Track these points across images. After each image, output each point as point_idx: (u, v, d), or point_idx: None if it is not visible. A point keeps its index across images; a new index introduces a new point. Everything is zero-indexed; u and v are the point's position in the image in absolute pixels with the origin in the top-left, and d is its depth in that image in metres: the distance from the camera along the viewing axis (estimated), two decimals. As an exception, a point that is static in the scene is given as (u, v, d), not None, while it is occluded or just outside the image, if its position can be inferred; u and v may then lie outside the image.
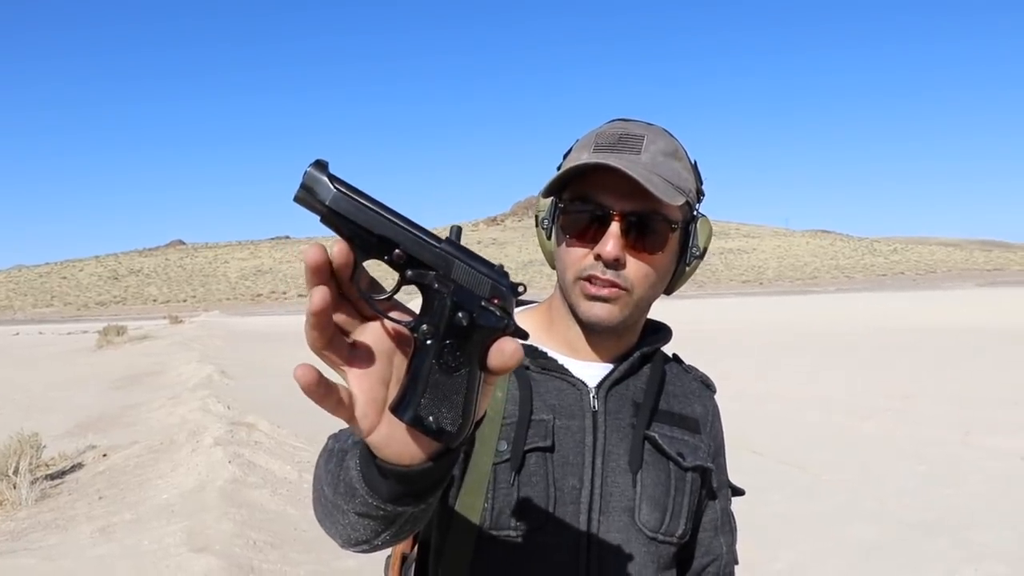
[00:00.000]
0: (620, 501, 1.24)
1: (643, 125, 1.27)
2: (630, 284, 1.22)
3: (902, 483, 7.47)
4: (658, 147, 1.23)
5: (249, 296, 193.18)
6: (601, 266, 1.20)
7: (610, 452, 1.25)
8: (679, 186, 1.22)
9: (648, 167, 1.19)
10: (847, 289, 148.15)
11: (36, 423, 10.62)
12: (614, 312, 1.23)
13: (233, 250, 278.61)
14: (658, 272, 1.25)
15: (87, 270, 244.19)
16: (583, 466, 1.23)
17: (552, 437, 1.23)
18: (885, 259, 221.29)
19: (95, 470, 8.85)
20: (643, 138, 1.23)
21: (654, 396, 1.31)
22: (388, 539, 0.89)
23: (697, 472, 1.31)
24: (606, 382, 1.28)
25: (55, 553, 5.87)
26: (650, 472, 1.26)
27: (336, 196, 0.67)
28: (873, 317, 39.08)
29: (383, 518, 0.82)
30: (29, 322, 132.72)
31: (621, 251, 1.19)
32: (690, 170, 1.28)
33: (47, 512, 7.25)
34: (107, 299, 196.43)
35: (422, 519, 0.88)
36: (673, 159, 1.24)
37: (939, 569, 5.34)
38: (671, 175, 1.21)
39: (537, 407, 1.25)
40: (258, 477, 7.49)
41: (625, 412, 1.28)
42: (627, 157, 1.19)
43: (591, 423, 1.25)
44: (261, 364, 21.93)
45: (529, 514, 1.20)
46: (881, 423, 10.45)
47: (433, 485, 0.79)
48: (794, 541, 5.91)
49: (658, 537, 1.25)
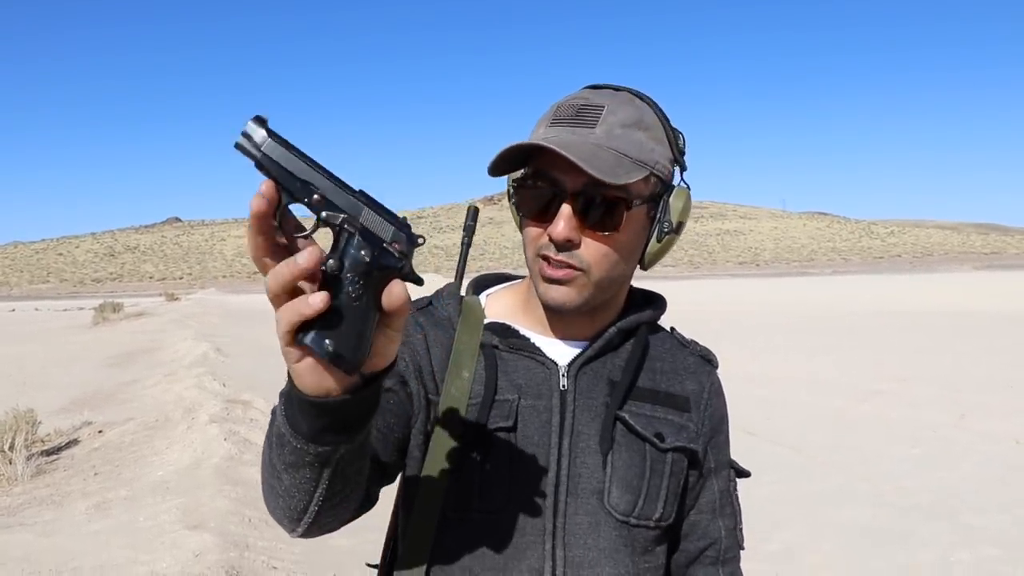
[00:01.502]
0: (589, 483, 1.19)
1: (609, 93, 1.20)
2: (586, 265, 1.16)
3: (897, 466, 7.49)
4: (618, 118, 1.16)
5: (245, 274, 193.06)
6: (554, 247, 1.15)
7: (580, 432, 1.20)
8: (640, 159, 1.15)
9: (601, 142, 1.13)
10: (843, 271, 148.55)
11: (31, 399, 10.62)
12: (571, 295, 1.17)
13: (230, 227, 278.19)
14: (619, 251, 1.17)
15: (83, 247, 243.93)
16: (549, 447, 1.19)
17: (515, 417, 1.19)
18: (882, 242, 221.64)
19: (90, 446, 8.86)
20: (603, 108, 1.16)
21: (632, 373, 1.24)
22: (323, 501, 0.96)
23: (681, 453, 1.24)
24: (578, 360, 1.23)
25: (51, 529, 5.88)
26: (622, 453, 1.20)
27: (270, 144, 0.78)
28: (869, 300, 39.16)
29: (309, 464, 0.90)
30: (25, 298, 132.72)
31: (573, 232, 1.13)
32: (661, 139, 1.20)
33: (43, 488, 7.26)
34: (103, 276, 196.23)
35: (351, 476, 0.96)
36: (636, 130, 1.16)
37: (933, 552, 5.36)
38: (630, 148, 1.14)
39: (502, 387, 1.21)
40: (253, 455, 7.49)
41: (599, 391, 1.22)
42: (581, 132, 1.14)
43: (559, 403, 1.21)
44: (257, 342, 21.93)
45: (492, 495, 1.17)
46: (876, 406, 10.48)
47: (351, 421, 0.87)
48: (788, 523, 5.92)
49: (630, 521, 1.20)
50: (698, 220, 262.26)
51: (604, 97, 1.18)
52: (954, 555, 5.29)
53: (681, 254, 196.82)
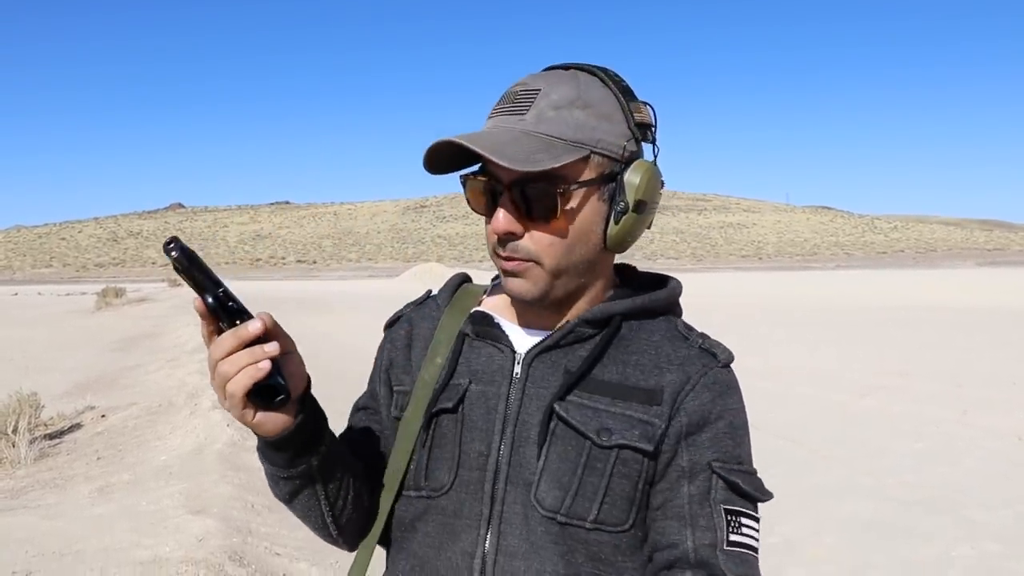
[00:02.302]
0: (526, 473, 1.15)
1: (550, 74, 1.16)
2: (534, 255, 1.13)
3: (899, 460, 7.49)
4: (551, 100, 1.12)
5: (248, 261, 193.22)
6: (498, 243, 1.15)
7: (525, 421, 1.17)
8: (576, 139, 1.10)
9: (529, 128, 1.10)
10: (846, 266, 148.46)
11: (34, 383, 10.63)
12: (527, 286, 1.15)
13: (233, 214, 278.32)
14: (566, 236, 1.13)
15: (86, 232, 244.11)
16: (491, 432, 1.18)
17: (460, 400, 1.20)
18: (885, 237, 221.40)
19: (93, 431, 8.88)
20: (537, 92, 1.13)
21: (589, 364, 1.17)
22: (332, 508, 1.21)
23: (632, 451, 1.13)
24: (535, 349, 1.20)
25: (54, 512, 5.89)
26: (558, 446, 1.15)
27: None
28: (872, 294, 39.15)
29: (301, 486, 1.17)
30: (28, 283, 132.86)
31: (512, 224, 1.12)
32: (608, 115, 1.14)
33: (46, 471, 7.28)
34: (106, 261, 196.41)
35: (342, 480, 1.20)
36: (573, 108, 1.11)
37: (935, 546, 5.36)
38: (562, 129, 1.10)
39: (459, 372, 1.22)
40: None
41: (553, 381, 1.18)
42: (509, 121, 1.12)
43: (506, 390, 1.19)
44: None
45: (436, 476, 1.20)
46: (878, 400, 10.48)
47: (308, 437, 1.12)
48: (790, 516, 5.92)
49: (557, 517, 1.12)
50: (701, 213, 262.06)
51: (543, 80, 1.15)
52: (956, 550, 5.29)
53: (684, 247, 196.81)
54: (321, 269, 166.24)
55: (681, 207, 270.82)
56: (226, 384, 1.03)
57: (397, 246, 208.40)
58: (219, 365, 1.02)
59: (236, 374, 1.02)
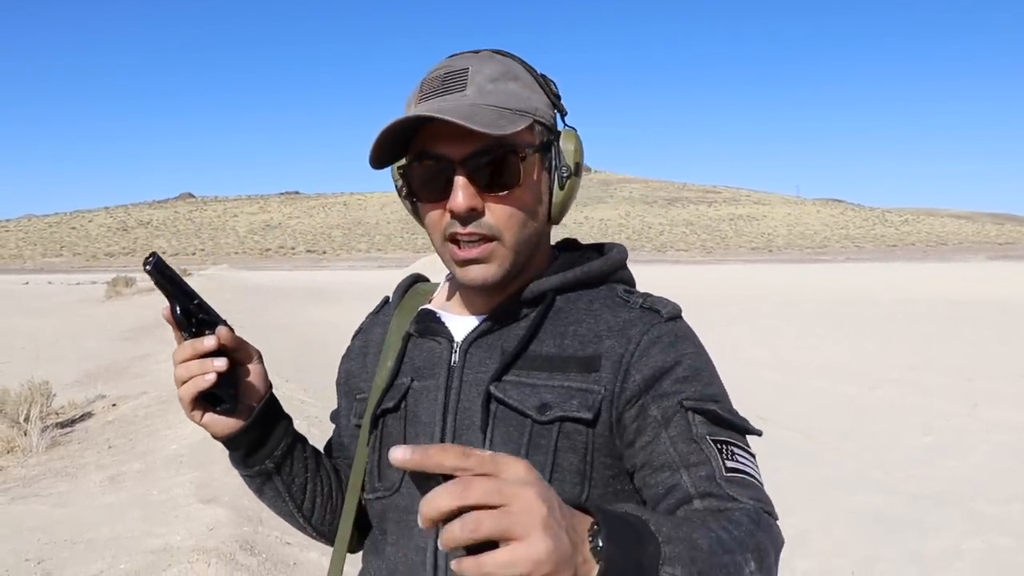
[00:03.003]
0: None
1: (469, 56, 1.17)
2: (497, 231, 1.12)
3: (909, 453, 7.48)
4: (485, 75, 1.13)
5: (258, 251, 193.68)
6: (458, 223, 1.12)
7: (465, 409, 1.16)
8: (519, 108, 1.12)
9: (476, 100, 1.10)
10: (856, 259, 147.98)
11: (45, 372, 10.69)
12: (492, 270, 1.14)
13: (242, 204, 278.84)
14: (524, 207, 1.14)
15: (96, 221, 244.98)
16: (434, 425, 1.17)
17: (403, 399, 1.21)
18: (896, 230, 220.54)
19: (104, 419, 8.92)
20: (467, 70, 1.13)
21: (524, 343, 1.15)
22: (298, 506, 1.30)
23: (573, 422, 1.10)
24: (471, 335, 1.20)
25: (65, 500, 5.93)
26: (500, 429, 1.13)
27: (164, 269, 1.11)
28: (882, 288, 39.02)
29: (262, 483, 1.27)
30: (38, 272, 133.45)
31: (473, 199, 1.10)
32: (534, 86, 1.17)
33: (57, 460, 7.32)
34: (116, 250, 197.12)
35: (307, 479, 1.29)
36: (507, 81, 1.14)
37: (945, 540, 5.35)
38: (505, 99, 1.12)
39: (403, 371, 1.23)
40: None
41: (490, 364, 1.17)
42: (452, 98, 1.11)
43: (445, 380, 1.19)
44: (269, 319, 22.03)
45: (387, 475, 1.21)
46: (888, 393, 10.45)
47: (261, 439, 1.23)
48: (800, 508, 5.92)
49: None
50: (711, 205, 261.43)
51: (465, 60, 1.15)
52: (965, 543, 5.28)
53: (694, 239, 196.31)
54: (331, 259, 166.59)
55: (691, 199, 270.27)
56: (179, 387, 1.14)
57: (407, 236, 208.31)
58: (176, 369, 1.14)
59: (187, 381, 1.13)
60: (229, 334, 1.14)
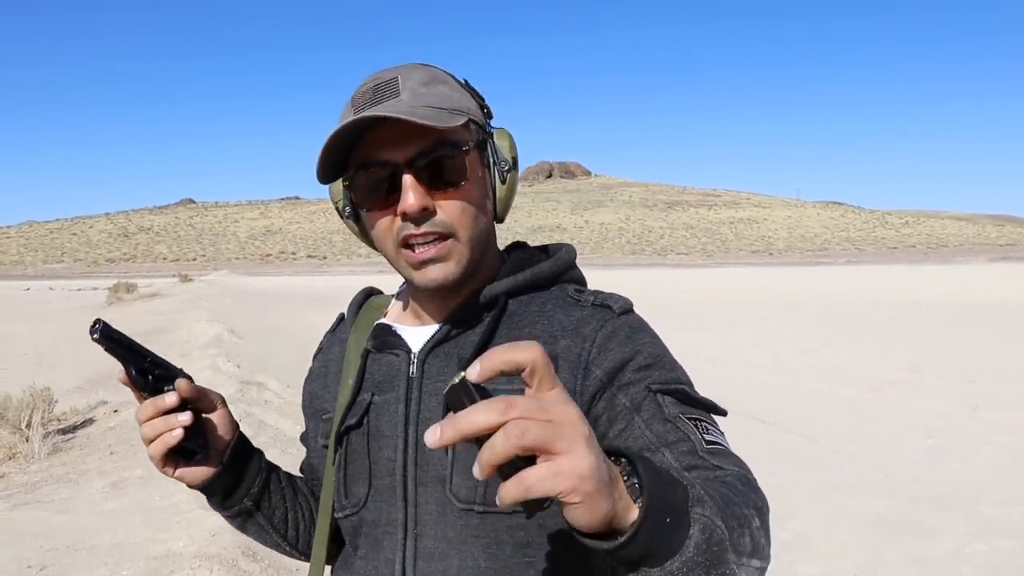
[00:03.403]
0: (435, 471, 1.13)
1: (394, 68, 1.18)
2: (451, 228, 1.12)
3: (910, 456, 7.47)
4: (415, 80, 1.14)
5: (258, 256, 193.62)
6: (411, 224, 1.11)
7: (427, 419, 1.15)
8: (454, 107, 1.13)
9: (411, 103, 1.10)
10: (857, 261, 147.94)
11: (47, 378, 10.70)
12: (451, 268, 1.14)
13: (243, 210, 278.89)
14: (473, 202, 1.15)
15: (97, 227, 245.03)
16: (396, 437, 1.17)
17: (364, 414, 1.21)
18: (896, 232, 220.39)
19: (106, 425, 8.92)
20: (397, 79, 1.13)
21: (477, 349, 1.15)
22: (281, 536, 1.34)
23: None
24: (427, 344, 1.20)
25: (68, 506, 5.93)
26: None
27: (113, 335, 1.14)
28: (883, 290, 39.02)
29: (243, 520, 1.30)
30: (40, 278, 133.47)
31: (424, 198, 1.10)
32: (460, 89, 1.19)
33: (59, 466, 7.32)
34: (117, 256, 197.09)
35: (287, 510, 1.32)
36: (436, 84, 1.15)
37: (948, 543, 5.35)
38: (439, 100, 1.12)
39: (364, 387, 1.23)
40: (268, 436, 7.53)
41: (448, 372, 1.16)
42: (389, 104, 1.10)
43: (404, 392, 1.18)
44: (270, 324, 22.03)
45: (354, 491, 1.21)
46: (889, 396, 10.45)
47: (235, 482, 1.26)
48: (801, 511, 5.92)
49: (474, 508, 1.10)
50: (712, 208, 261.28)
51: (393, 71, 1.16)
52: (969, 546, 5.28)
53: (694, 242, 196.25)
54: (331, 264, 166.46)
55: (691, 202, 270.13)
56: (147, 446, 1.16)
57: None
58: (141, 428, 1.16)
59: (153, 439, 1.15)
60: (189, 386, 1.16)
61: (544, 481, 0.64)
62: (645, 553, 0.70)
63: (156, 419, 1.14)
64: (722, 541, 0.76)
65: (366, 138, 1.12)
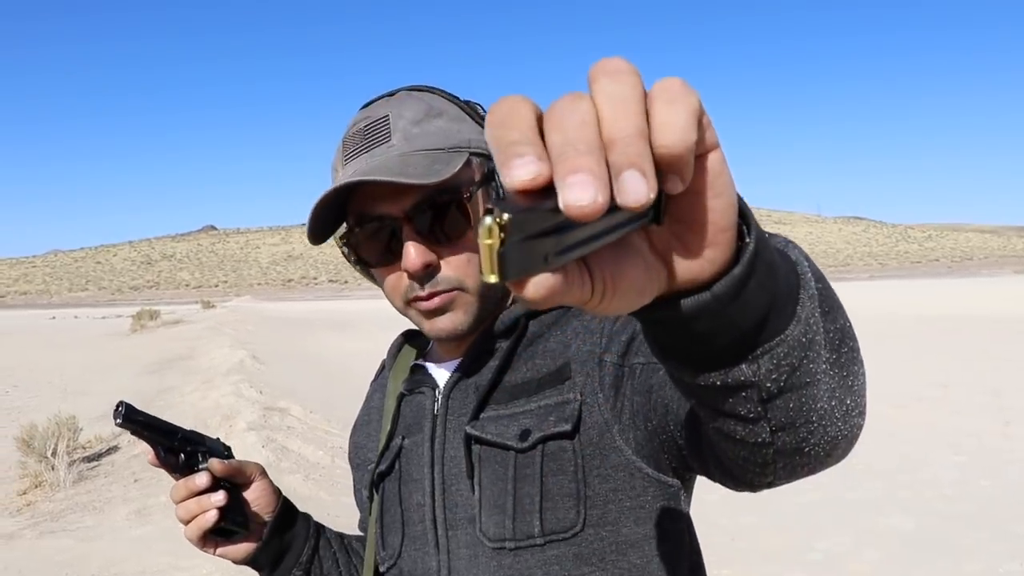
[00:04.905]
0: (464, 511, 1.07)
1: (385, 101, 1.10)
2: (458, 282, 1.05)
3: (940, 473, 7.37)
4: (407, 119, 1.06)
5: (280, 281, 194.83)
6: (416, 285, 1.05)
7: (452, 457, 1.09)
8: (452, 146, 1.05)
9: (404, 149, 1.04)
10: (880, 276, 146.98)
11: (72, 405, 10.76)
12: (459, 318, 1.08)
13: (264, 235, 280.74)
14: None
15: (121, 255, 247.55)
16: (423, 479, 1.11)
17: (395, 459, 1.16)
18: (919, 246, 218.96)
19: (130, 453, 8.95)
20: (387, 118, 1.06)
21: (495, 375, 1.09)
22: None
23: (555, 440, 1.02)
24: (451, 379, 1.13)
25: (92, 534, 5.95)
26: (487, 470, 1.05)
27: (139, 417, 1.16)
28: (908, 304, 38.69)
29: None
30: (65, 306, 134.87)
31: (426, 255, 1.03)
32: (461, 117, 1.10)
33: (84, 494, 7.35)
34: (140, 284, 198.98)
35: (324, 570, 1.28)
36: (431, 119, 1.07)
37: (980, 562, 5.25)
38: (435, 140, 1.05)
39: (398, 431, 1.18)
40: (291, 462, 7.53)
41: (469, 405, 1.10)
42: (378, 151, 1.04)
43: (430, 431, 1.13)
44: (293, 349, 22.10)
45: (390, 542, 1.16)
46: (918, 412, 10.32)
47: (279, 551, 1.23)
48: (829, 531, 5.84)
49: (505, 546, 1.02)
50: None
51: (383, 107, 1.09)
52: (1002, 566, 5.18)
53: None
54: (353, 289, 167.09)
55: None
56: (183, 526, 1.16)
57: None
58: (176, 509, 1.16)
59: (188, 521, 1.15)
60: (221, 465, 1.16)
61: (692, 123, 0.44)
62: (771, 299, 0.55)
63: (190, 500, 1.14)
64: (832, 298, 0.64)
65: (360, 191, 1.05)
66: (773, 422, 0.62)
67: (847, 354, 0.64)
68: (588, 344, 1.06)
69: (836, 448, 0.67)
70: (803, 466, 0.68)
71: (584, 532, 1.01)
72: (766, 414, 0.61)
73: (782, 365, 0.57)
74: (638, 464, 1.01)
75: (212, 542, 1.17)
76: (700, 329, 0.54)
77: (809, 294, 0.58)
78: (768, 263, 0.54)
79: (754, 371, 0.57)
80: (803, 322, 0.57)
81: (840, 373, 0.64)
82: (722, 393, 0.59)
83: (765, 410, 0.60)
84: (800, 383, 0.60)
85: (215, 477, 1.14)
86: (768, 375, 0.58)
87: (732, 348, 0.56)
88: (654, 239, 0.50)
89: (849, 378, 0.65)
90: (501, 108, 0.44)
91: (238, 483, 1.19)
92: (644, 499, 1.02)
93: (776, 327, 0.56)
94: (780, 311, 0.56)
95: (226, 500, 1.14)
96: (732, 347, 0.56)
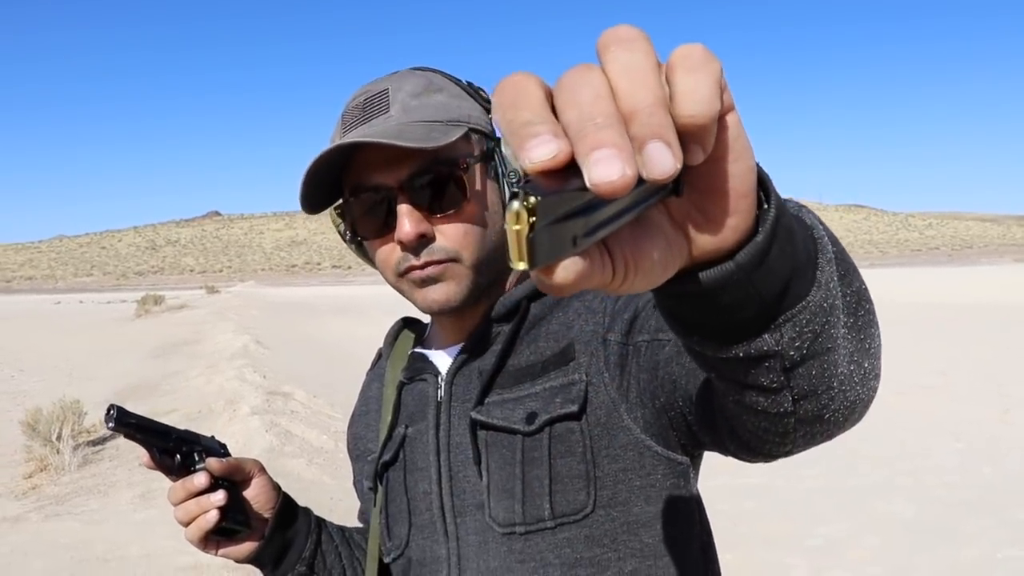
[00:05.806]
0: (472, 498, 1.06)
1: (386, 77, 1.09)
2: (453, 254, 1.03)
3: (940, 460, 7.39)
4: (407, 91, 1.05)
5: (284, 267, 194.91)
6: (410, 255, 1.03)
7: (458, 444, 1.08)
8: (451, 118, 1.04)
9: (402, 119, 1.02)
10: (881, 264, 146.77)
11: (77, 390, 10.80)
12: (452, 289, 1.05)
13: (269, 221, 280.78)
14: (477, 222, 1.05)
15: (126, 240, 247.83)
16: (429, 468, 1.10)
17: (399, 448, 1.14)
18: (920, 234, 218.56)
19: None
20: (387, 91, 1.05)
21: (498, 359, 1.07)
22: None
23: (562, 421, 1.01)
24: (453, 365, 1.11)
25: (97, 517, 5.99)
26: (495, 454, 1.04)
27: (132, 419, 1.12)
28: (908, 292, 38.66)
29: None
30: (70, 291, 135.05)
31: (420, 224, 1.01)
32: (462, 95, 1.09)
33: (89, 478, 7.39)
34: (145, 269, 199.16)
35: (336, 563, 1.28)
36: (431, 93, 1.06)
37: (980, 548, 5.28)
38: (434, 112, 1.04)
39: (400, 420, 1.17)
40: (294, 447, 7.56)
41: (472, 390, 1.08)
42: (376, 122, 1.03)
43: (434, 418, 1.11)
44: (296, 334, 22.15)
45: (396, 533, 1.15)
46: (918, 399, 10.33)
47: (282, 547, 1.22)
48: (830, 517, 5.87)
49: (515, 531, 1.01)
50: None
51: (384, 82, 1.08)
52: (1001, 552, 5.20)
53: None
54: (356, 274, 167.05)
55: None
56: (183, 527, 1.15)
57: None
58: (175, 511, 1.15)
59: (188, 523, 1.14)
60: (219, 464, 1.15)
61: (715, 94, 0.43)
62: (792, 265, 0.55)
63: (188, 502, 1.13)
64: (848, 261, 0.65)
65: (356, 161, 1.04)
66: (796, 391, 0.62)
67: (864, 317, 0.65)
68: (591, 324, 1.05)
69: (854, 412, 0.67)
70: (822, 433, 0.68)
71: (595, 513, 1.00)
72: (788, 383, 0.61)
73: (804, 332, 0.57)
74: (647, 443, 1.00)
75: (214, 543, 1.17)
76: (725, 301, 0.53)
77: (827, 258, 0.58)
78: (788, 228, 0.54)
79: (777, 340, 0.57)
80: (823, 287, 0.57)
81: (858, 336, 0.64)
82: (744, 365, 0.59)
83: (788, 379, 0.60)
84: (822, 349, 0.60)
85: (213, 476, 1.12)
86: (791, 343, 0.57)
87: (756, 318, 0.55)
88: (673, 211, 0.49)
89: (866, 341, 0.66)
90: (507, 87, 0.43)
91: (237, 481, 1.18)
92: (654, 478, 1.02)
93: (798, 293, 0.56)
94: (801, 277, 0.56)
95: (226, 499, 1.12)
96: (756, 317, 0.55)
